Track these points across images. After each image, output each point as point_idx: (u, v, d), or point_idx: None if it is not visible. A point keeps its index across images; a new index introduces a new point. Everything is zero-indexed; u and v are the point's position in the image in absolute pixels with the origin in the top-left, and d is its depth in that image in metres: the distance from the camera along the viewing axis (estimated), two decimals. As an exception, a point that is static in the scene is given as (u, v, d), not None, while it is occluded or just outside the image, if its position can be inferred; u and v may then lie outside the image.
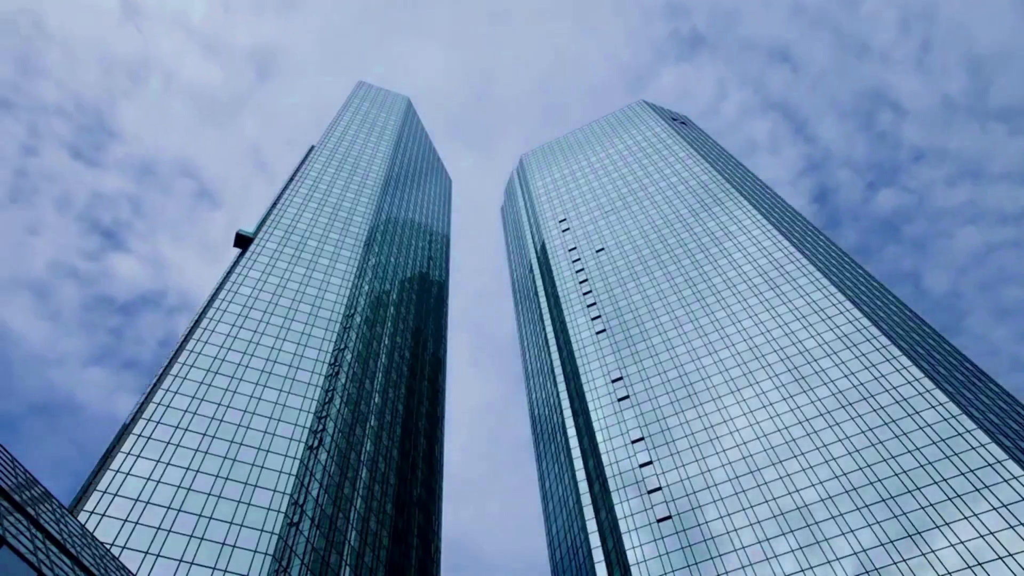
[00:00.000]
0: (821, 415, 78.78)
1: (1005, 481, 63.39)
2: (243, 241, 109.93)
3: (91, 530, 56.67)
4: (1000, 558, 58.00)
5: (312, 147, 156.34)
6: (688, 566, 70.47)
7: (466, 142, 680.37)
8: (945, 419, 71.38)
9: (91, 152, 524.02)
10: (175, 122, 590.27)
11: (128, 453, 65.58)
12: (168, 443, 68.29)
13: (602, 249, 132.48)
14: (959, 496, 64.17)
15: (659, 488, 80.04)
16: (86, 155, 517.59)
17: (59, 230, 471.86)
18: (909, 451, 70.20)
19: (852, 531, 65.96)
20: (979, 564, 58.38)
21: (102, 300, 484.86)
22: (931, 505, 64.59)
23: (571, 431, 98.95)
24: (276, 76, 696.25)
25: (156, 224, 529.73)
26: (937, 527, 62.64)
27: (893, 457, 70.45)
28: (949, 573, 58.82)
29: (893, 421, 73.96)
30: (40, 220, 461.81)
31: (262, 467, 69.98)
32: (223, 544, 60.73)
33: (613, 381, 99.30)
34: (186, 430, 70.62)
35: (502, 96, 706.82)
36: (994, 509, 61.75)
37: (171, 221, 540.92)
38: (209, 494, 64.84)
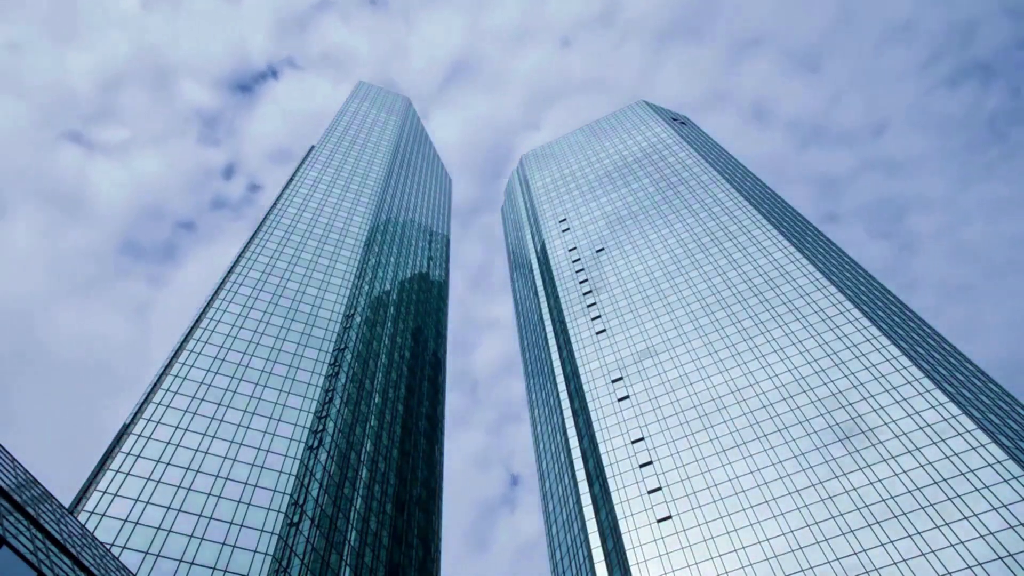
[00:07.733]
0: (821, 415, 78.80)
1: (1005, 481, 63.41)
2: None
3: (91, 530, 56.68)
4: (1000, 558, 58.02)
5: (312, 147, 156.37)
6: (688, 566, 70.48)
7: (466, 142, 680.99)
8: (945, 419, 71.40)
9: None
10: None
11: (128, 453, 65.61)
12: (168, 443, 68.32)
13: (602, 249, 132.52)
14: (959, 496, 64.18)
15: (659, 488, 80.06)
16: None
17: None
18: (909, 451, 70.22)
19: (852, 531, 65.97)
20: (979, 564, 58.39)
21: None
22: (931, 505, 64.61)
23: (571, 431, 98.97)
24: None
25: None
26: (937, 527, 62.65)
27: (893, 457, 70.47)
28: (949, 573, 58.84)
29: (893, 421, 73.97)
30: None
31: (262, 467, 70.01)
32: (223, 544, 60.76)
33: (613, 381, 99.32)
34: (186, 430, 70.65)
35: (503, 95, 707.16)
36: (994, 509, 61.76)
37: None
38: (209, 494, 64.88)
